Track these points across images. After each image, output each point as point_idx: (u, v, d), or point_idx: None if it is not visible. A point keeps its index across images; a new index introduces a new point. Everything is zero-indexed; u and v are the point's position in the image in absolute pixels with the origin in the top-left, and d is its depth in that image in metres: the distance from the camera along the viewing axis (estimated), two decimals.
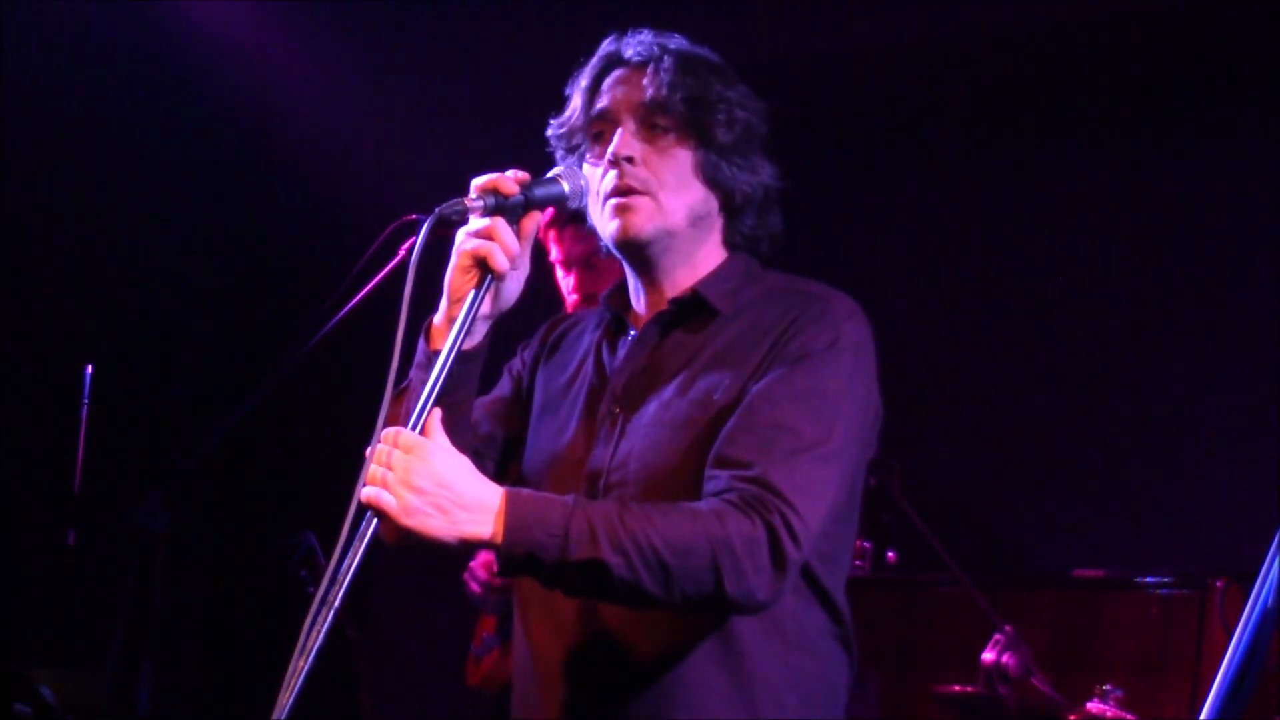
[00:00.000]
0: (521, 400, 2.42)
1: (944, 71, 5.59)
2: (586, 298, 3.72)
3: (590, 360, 2.35)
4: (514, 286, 2.20)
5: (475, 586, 3.77)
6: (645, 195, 2.23)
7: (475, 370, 2.24)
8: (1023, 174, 5.63)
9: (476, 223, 2.11)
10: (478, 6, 5.57)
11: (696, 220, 2.26)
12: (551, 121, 2.35)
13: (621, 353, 2.32)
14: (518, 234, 2.14)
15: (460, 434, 2.12)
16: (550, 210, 2.40)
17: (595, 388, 2.31)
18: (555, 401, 2.36)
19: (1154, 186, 5.40)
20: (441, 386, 2.01)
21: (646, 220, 2.24)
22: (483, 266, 2.11)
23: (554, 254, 3.83)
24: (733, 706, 2.14)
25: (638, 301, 2.34)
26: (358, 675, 4.03)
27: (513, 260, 2.12)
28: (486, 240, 2.10)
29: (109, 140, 5.56)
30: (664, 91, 2.24)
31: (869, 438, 2.24)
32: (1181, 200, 5.34)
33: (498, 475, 2.33)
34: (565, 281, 3.82)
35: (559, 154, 2.34)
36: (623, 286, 2.37)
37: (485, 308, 2.18)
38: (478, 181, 2.13)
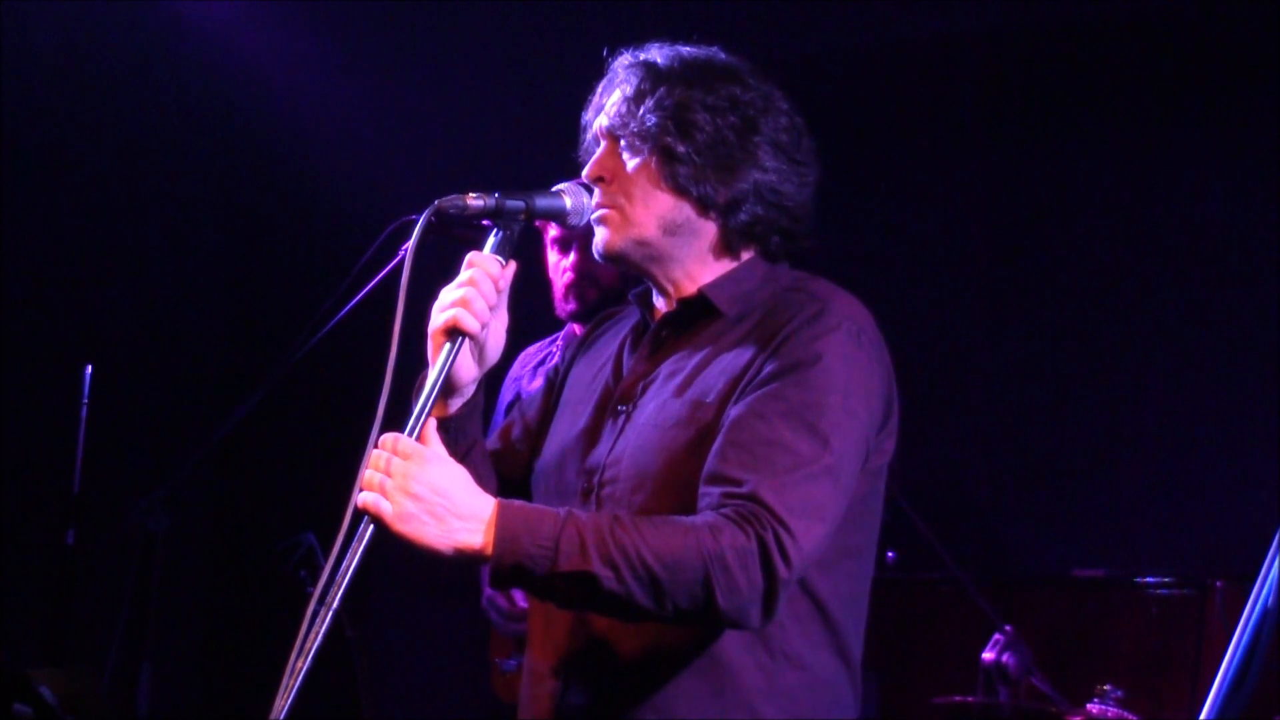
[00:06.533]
0: (551, 400, 2.45)
1: (944, 72, 5.59)
2: (583, 276, 3.71)
3: (614, 357, 2.37)
4: (496, 342, 2.20)
5: (495, 616, 3.76)
6: (615, 210, 2.25)
7: (475, 424, 2.26)
8: (1021, 174, 5.63)
9: (447, 295, 2.12)
10: (478, 6, 5.57)
11: (673, 228, 2.25)
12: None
13: (639, 352, 2.33)
14: (511, 252, 2.15)
15: (483, 478, 2.14)
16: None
17: (610, 385, 2.32)
18: (578, 395, 2.38)
19: (1155, 187, 5.40)
20: (432, 409, 2.03)
21: (615, 233, 2.26)
22: (452, 332, 2.10)
23: (554, 232, 3.79)
24: (701, 710, 2.14)
25: (658, 302, 2.36)
26: (358, 675, 4.03)
27: (490, 309, 2.12)
28: (454, 308, 2.09)
29: (109, 140, 5.56)
30: (616, 109, 2.26)
31: (874, 445, 2.20)
32: (1183, 201, 5.34)
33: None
34: (563, 261, 3.78)
35: None
36: (649, 287, 2.38)
37: (472, 370, 2.20)
38: (438, 322, 2.11)
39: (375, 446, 1.99)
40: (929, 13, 5.39)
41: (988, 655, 4.02)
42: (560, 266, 3.78)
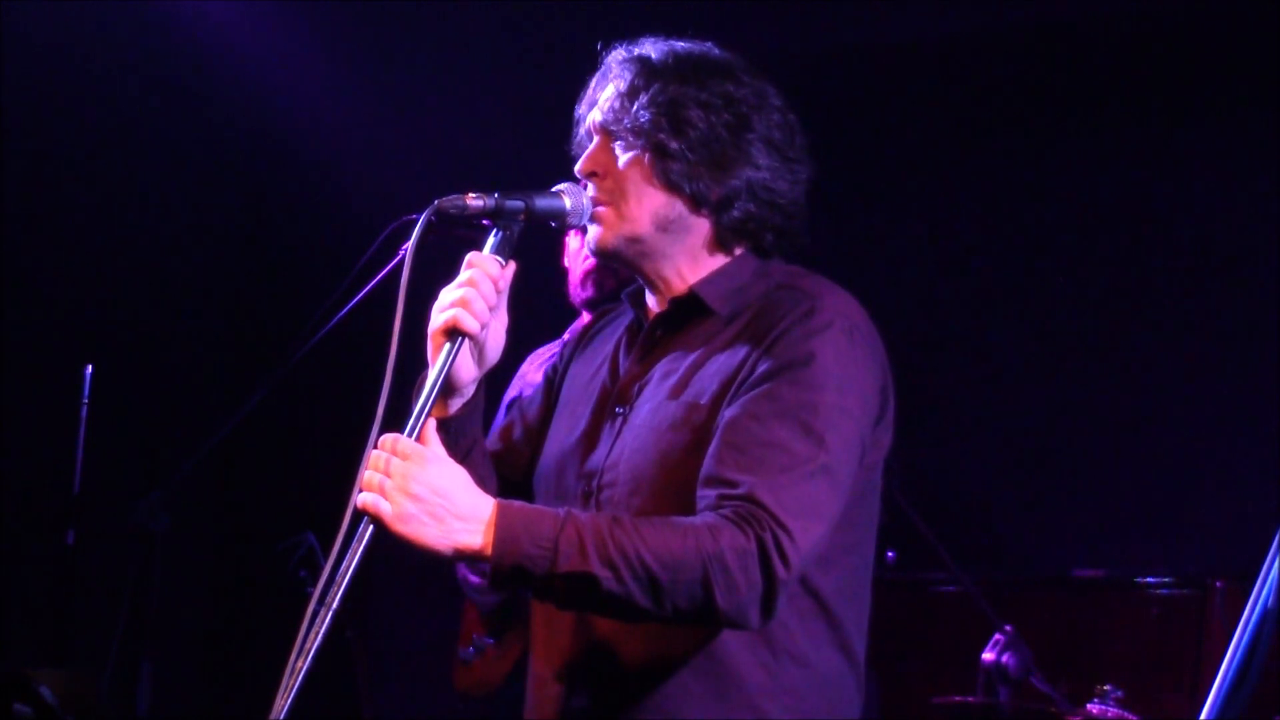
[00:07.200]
0: (550, 399, 2.45)
1: (944, 72, 5.59)
2: (603, 264, 3.70)
3: (610, 357, 2.36)
4: (496, 342, 2.20)
5: (474, 581, 3.76)
6: (609, 207, 2.25)
7: (475, 424, 2.26)
8: (1021, 174, 5.63)
9: (446, 295, 2.11)
10: (477, 6, 5.57)
11: (666, 224, 2.25)
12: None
13: (634, 352, 2.33)
14: (510, 252, 2.15)
15: (483, 479, 2.15)
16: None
17: (607, 386, 2.32)
18: (576, 396, 2.38)
19: (1155, 187, 5.40)
20: (432, 410, 2.03)
21: (609, 231, 2.26)
22: (452, 332, 2.10)
23: None
24: (705, 711, 2.14)
25: (650, 301, 2.35)
26: (358, 675, 4.03)
27: (490, 310, 2.12)
28: (454, 308, 2.09)
29: (109, 140, 5.56)
30: (610, 105, 2.26)
31: (870, 440, 2.19)
32: (1183, 201, 5.34)
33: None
34: (585, 248, 3.77)
35: None
36: (642, 286, 2.38)
37: (472, 370, 2.19)
38: (438, 322, 2.11)
39: (375, 447, 2.00)
40: (928, 13, 5.38)
41: (988, 655, 4.01)
42: (581, 254, 3.78)
